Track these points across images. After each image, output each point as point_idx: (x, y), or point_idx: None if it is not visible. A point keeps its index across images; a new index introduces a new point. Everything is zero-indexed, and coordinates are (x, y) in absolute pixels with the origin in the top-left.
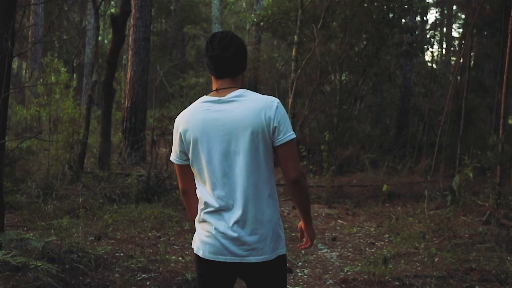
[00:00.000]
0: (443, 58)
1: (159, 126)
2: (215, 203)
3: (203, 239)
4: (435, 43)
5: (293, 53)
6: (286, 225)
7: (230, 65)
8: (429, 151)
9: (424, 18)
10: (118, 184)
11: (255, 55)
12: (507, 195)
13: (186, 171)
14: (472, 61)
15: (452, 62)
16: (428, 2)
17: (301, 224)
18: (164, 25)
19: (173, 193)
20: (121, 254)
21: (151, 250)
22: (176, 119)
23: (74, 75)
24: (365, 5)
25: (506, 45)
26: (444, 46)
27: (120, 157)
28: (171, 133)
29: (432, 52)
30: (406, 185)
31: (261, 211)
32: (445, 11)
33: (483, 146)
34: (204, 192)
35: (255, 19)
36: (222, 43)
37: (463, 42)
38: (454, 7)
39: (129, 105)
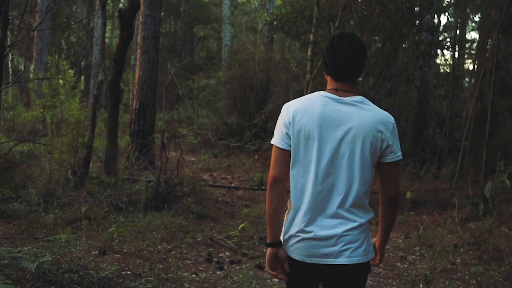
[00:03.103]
0: (457, 61)
1: (168, 129)
2: (312, 201)
3: (293, 239)
4: (449, 45)
5: (309, 53)
6: None
7: (355, 70)
8: (451, 156)
9: (438, 20)
10: (125, 191)
11: (268, 56)
12: None
13: (286, 158)
14: (494, 62)
15: (466, 65)
16: (448, 2)
17: (375, 241)
18: (173, 26)
19: (184, 201)
20: (128, 272)
21: (161, 266)
22: (286, 103)
23: (82, 77)
24: (384, 2)
25: None
26: (457, 48)
27: (127, 161)
28: (182, 136)
29: (444, 55)
30: (430, 192)
31: (353, 216)
32: (458, 13)
33: (508, 150)
34: (300, 189)
35: (268, 18)
36: (351, 48)
37: (487, 42)
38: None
39: (137, 106)
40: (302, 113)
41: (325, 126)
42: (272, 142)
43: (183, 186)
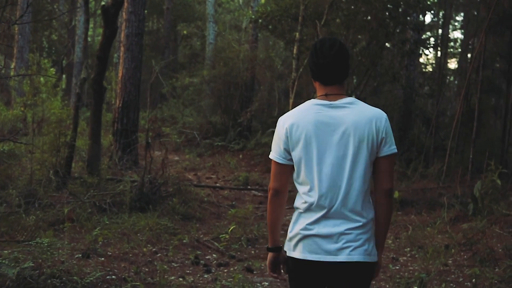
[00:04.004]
0: (442, 60)
1: (152, 128)
2: (318, 203)
3: (296, 238)
4: (433, 44)
5: (294, 51)
6: None
7: (340, 72)
8: (437, 155)
9: (423, 18)
10: (109, 192)
11: (253, 54)
12: None
13: (285, 171)
14: (482, 61)
15: (449, 64)
16: (433, 0)
17: None
18: (156, 24)
19: (169, 201)
20: (113, 277)
21: (147, 269)
22: (280, 118)
23: (63, 75)
24: (370, 0)
25: None
26: (440, 48)
27: (110, 161)
28: (166, 135)
29: (430, 53)
30: (418, 191)
31: (357, 215)
32: (443, 12)
33: (494, 149)
34: (307, 194)
35: (253, 16)
36: (332, 50)
37: (473, 41)
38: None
39: (120, 105)
40: (297, 125)
41: (321, 133)
42: (270, 156)
43: (168, 186)
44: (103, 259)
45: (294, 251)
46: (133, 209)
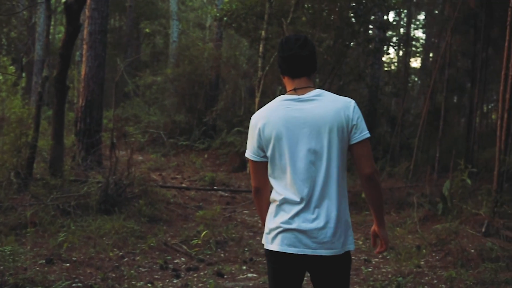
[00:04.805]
0: (407, 59)
1: (116, 127)
2: (295, 197)
3: (275, 231)
4: (397, 43)
5: (260, 49)
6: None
7: (306, 64)
8: (403, 154)
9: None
10: (73, 193)
11: (217, 53)
12: (505, 203)
13: (261, 168)
14: (448, 60)
15: (411, 63)
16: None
17: (374, 228)
18: (118, 22)
19: (135, 203)
20: (79, 284)
21: (114, 275)
22: (252, 116)
23: (23, 73)
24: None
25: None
26: (402, 47)
27: (73, 161)
28: (132, 135)
29: (395, 51)
30: (386, 191)
31: (336, 207)
32: (406, 11)
33: (459, 148)
34: (283, 187)
35: (217, 14)
36: (298, 43)
37: (437, 40)
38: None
39: (83, 104)
40: (268, 122)
41: (291, 127)
42: (246, 155)
43: (134, 187)
44: (68, 265)
45: (272, 243)
46: (98, 211)
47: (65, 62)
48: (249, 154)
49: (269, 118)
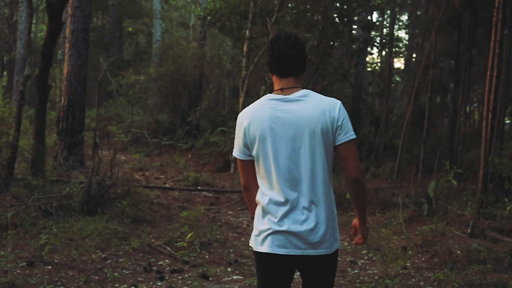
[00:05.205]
0: (391, 59)
1: (98, 127)
2: (280, 198)
3: (265, 233)
4: (381, 43)
5: (244, 49)
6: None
7: (295, 64)
8: (387, 154)
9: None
10: (55, 194)
11: (201, 52)
12: (490, 204)
13: (249, 167)
14: (432, 60)
15: (395, 64)
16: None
17: (355, 221)
18: (101, 21)
19: (118, 204)
20: (61, 287)
21: (97, 278)
22: (239, 115)
23: (4, 72)
24: None
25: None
26: (386, 47)
27: (55, 161)
28: (115, 135)
29: (379, 52)
30: (371, 191)
31: (324, 207)
32: (390, 11)
33: (443, 148)
34: (268, 188)
35: (201, 13)
36: (288, 42)
37: (420, 40)
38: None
39: (65, 103)
40: (253, 121)
41: (276, 127)
42: (233, 154)
43: (117, 188)
44: (50, 267)
45: (262, 245)
46: (81, 212)
47: (47, 61)
48: (236, 153)
49: (254, 117)
